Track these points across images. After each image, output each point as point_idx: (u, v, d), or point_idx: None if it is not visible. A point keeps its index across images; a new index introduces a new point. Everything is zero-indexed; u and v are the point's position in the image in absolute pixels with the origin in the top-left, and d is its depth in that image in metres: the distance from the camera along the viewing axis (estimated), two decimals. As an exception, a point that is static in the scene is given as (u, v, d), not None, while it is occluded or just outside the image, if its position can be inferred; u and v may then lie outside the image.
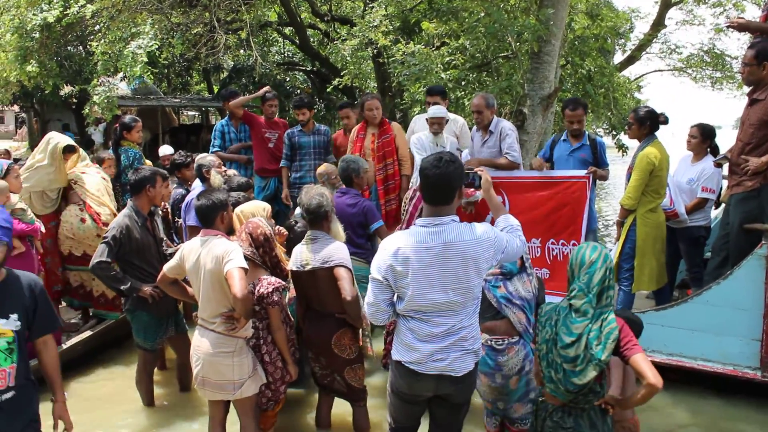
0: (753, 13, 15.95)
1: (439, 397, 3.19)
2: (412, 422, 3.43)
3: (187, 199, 6.02)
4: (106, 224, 5.79)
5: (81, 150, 6.26)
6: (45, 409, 3.22)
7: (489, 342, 3.60)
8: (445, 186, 3.03)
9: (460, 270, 2.98)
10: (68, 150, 5.93)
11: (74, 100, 18.54)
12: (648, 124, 5.39)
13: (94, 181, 6.05)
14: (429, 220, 3.04)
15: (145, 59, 9.30)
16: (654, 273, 5.40)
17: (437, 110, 5.95)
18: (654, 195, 5.32)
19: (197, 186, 6.07)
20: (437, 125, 5.95)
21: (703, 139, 5.99)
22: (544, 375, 3.09)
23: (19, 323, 2.96)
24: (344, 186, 5.44)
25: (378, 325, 4.10)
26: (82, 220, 5.88)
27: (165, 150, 8.47)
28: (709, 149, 6.01)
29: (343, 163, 5.52)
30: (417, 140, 6.10)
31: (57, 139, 5.95)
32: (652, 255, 5.36)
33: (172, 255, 4.47)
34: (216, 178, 5.84)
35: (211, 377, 3.85)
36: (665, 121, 5.48)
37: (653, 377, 2.83)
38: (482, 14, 8.89)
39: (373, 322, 3.31)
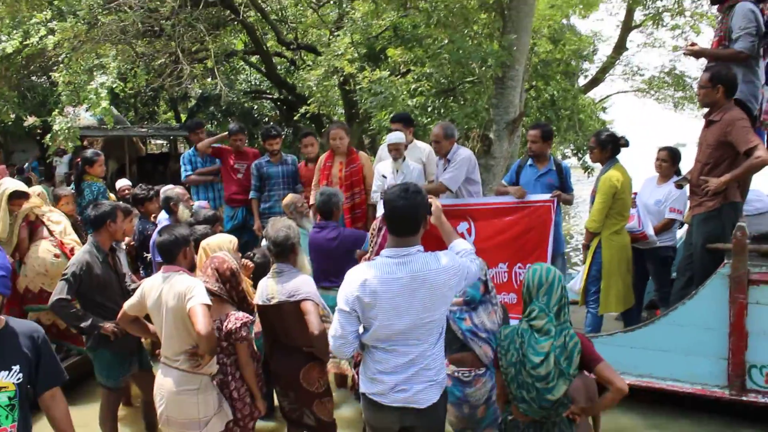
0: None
1: (407, 430, 3.15)
2: None
3: (154, 234, 5.93)
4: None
5: (41, 190, 6.16)
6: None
7: (456, 374, 3.64)
8: (412, 216, 3.03)
9: (427, 299, 2.98)
10: (17, 196, 5.76)
11: (39, 131, 18.32)
12: (609, 147, 5.48)
13: (61, 218, 5.97)
14: (395, 250, 3.04)
15: (107, 100, 9.20)
16: (621, 294, 5.44)
17: (394, 137, 5.99)
18: (618, 217, 5.38)
19: (162, 219, 5.99)
20: (395, 151, 5.98)
21: (673, 162, 6.11)
22: (515, 396, 3.11)
23: (21, 375, 2.68)
24: (322, 219, 5.39)
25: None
26: (56, 256, 5.77)
27: (122, 183, 8.26)
28: (675, 172, 6.12)
29: (323, 196, 5.42)
30: (379, 171, 6.10)
31: (5, 185, 5.79)
32: (619, 276, 5.40)
33: (134, 290, 4.38)
34: (183, 213, 5.77)
35: (176, 417, 3.75)
36: (626, 144, 5.57)
37: (619, 382, 3.02)
38: (446, 41, 8.99)
39: (339, 355, 3.31)
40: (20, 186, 5.91)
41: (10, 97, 10.84)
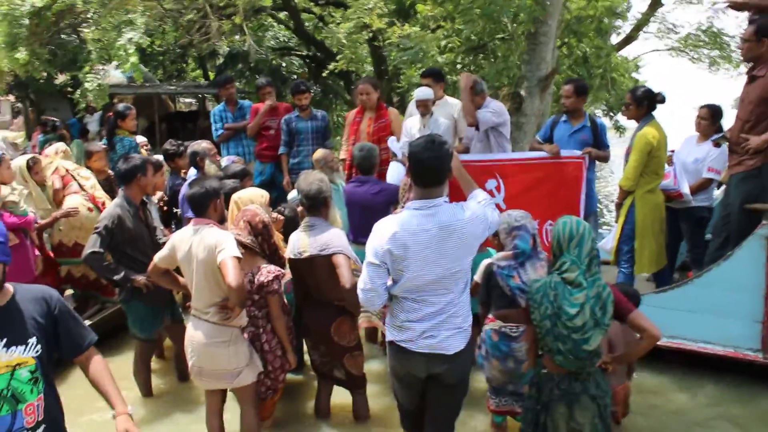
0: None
1: (432, 378, 3.22)
2: (413, 406, 3.44)
3: (183, 189, 5.96)
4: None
5: (64, 147, 6.22)
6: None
7: (503, 329, 3.76)
8: (438, 167, 3.07)
9: (455, 249, 3.04)
10: (33, 163, 5.86)
11: (69, 89, 18.45)
12: (645, 104, 5.34)
13: (89, 174, 6.06)
14: (422, 202, 3.08)
15: (135, 57, 9.18)
16: (654, 255, 5.36)
17: (422, 92, 5.87)
18: (653, 175, 5.27)
19: (192, 175, 6.01)
20: (423, 107, 5.88)
21: (713, 120, 5.92)
22: (551, 349, 3.12)
23: (39, 347, 2.50)
24: (360, 174, 5.37)
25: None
26: (89, 210, 5.84)
27: (139, 139, 8.22)
28: (716, 131, 5.92)
29: (363, 151, 5.37)
30: (407, 126, 6.02)
31: (17, 162, 5.82)
32: (652, 236, 5.31)
33: (165, 244, 4.41)
34: (210, 167, 5.77)
35: (207, 366, 3.80)
36: (662, 101, 5.42)
37: (653, 329, 3.08)
38: (478, -5, 8.79)
39: (368, 307, 3.36)
40: (27, 157, 5.97)
41: (41, 54, 10.83)
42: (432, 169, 3.07)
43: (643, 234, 5.30)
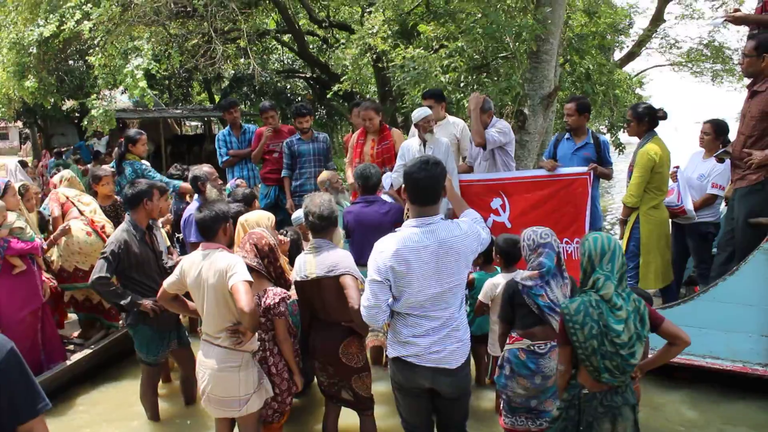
0: (751, 5, 15.87)
1: (436, 391, 3.36)
2: (420, 420, 3.55)
3: (185, 214, 5.99)
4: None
5: (70, 174, 6.29)
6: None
7: (531, 347, 3.78)
8: (433, 187, 3.25)
9: (454, 264, 3.21)
10: (24, 190, 5.93)
11: (77, 115, 18.63)
12: (647, 120, 5.36)
13: (91, 200, 6.11)
14: (420, 220, 3.24)
15: (144, 83, 9.29)
16: (659, 270, 5.35)
17: (419, 112, 5.86)
18: (656, 192, 5.28)
19: (197, 200, 6.04)
20: (425, 124, 5.91)
21: (716, 135, 5.92)
22: (597, 368, 3.12)
23: None
24: (365, 194, 5.40)
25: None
26: (88, 234, 5.88)
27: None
28: (722, 145, 5.88)
29: (366, 171, 5.39)
30: (404, 148, 6.04)
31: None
32: (657, 252, 5.31)
33: (172, 268, 4.43)
34: (211, 192, 5.81)
35: (217, 394, 3.78)
36: (664, 117, 5.44)
37: (685, 336, 3.21)
38: (479, 15, 8.86)
39: (371, 324, 3.42)
40: (18, 184, 5.94)
41: (48, 82, 10.98)
42: (427, 188, 3.23)
43: (648, 250, 5.30)
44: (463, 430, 3.59)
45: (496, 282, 4.46)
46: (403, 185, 3.37)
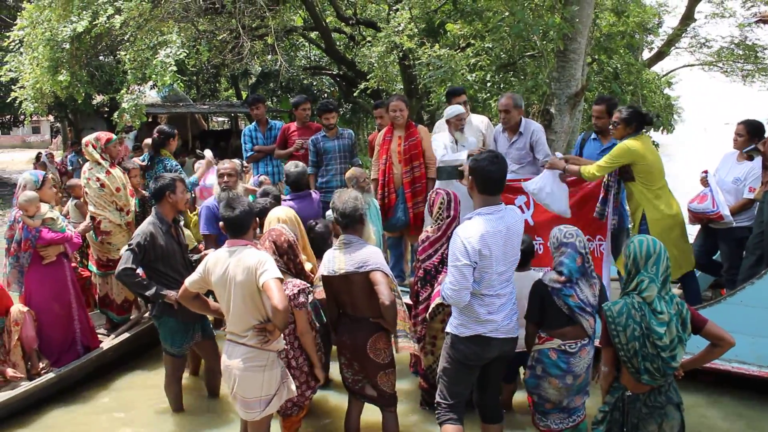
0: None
1: (498, 357, 3.81)
2: (467, 389, 3.97)
3: (201, 207, 6.06)
4: (105, 232, 5.89)
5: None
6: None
7: (562, 347, 3.84)
8: (502, 178, 3.69)
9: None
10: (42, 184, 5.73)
11: (106, 109, 18.88)
12: (634, 124, 5.24)
13: (94, 187, 6.01)
14: (491, 208, 3.66)
15: (174, 68, 9.38)
16: (676, 261, 5.24)
17: (455, 110, 5.93)
18: (646, 184, 5.20)
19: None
20: (458, 122, 5.91)
21: (751, 137, 5.66)
22: (638, 369, 3.17)
23: None
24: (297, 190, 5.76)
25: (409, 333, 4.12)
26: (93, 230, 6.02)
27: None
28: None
29: (296, 168, 5.80)
30: (438, 141, 6.06)
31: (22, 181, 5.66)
32: (670, 244, 5.18)
33: (198, 262, 4.48)
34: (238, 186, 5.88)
35: (241, 394, 3.75)
36: (651, 122, 5.37)
37: (729, 337, 3.23)
38: (506, 14, 8.83)
39: (456, 304, 3.70)
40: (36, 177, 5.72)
41: (80, 76, 11.15)
42: (498, 179, 3.66)
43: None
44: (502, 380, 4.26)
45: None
46: (470, 177, 3.73)
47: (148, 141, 7.57)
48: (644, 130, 5.31)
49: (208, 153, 7.31)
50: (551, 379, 3.85)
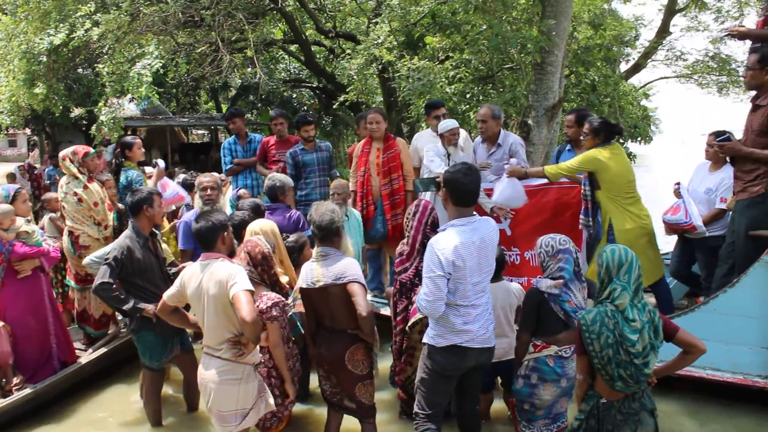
0: (754, 19, 15.90)
1: (475, 366, 3.84)
2: (446, 399, 4.03)
3: (179, 222, 6.03)
4: (84, 246, 5.82)
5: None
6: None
7: (558, 353, 3.89)
8: (476, 191, 3.78)
9: (490, 256, 3.76)
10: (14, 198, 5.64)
11: (84, 122, 18.75)
12: (602, 135, 5.31)
13: (72, 202, 5.90)
14: (465, 219, 3.71)
15: (150, 79, 9.32)
16: (644, 270, 5.27)
17: (447, 124, 5.92)
18: (611, 194, 5.24)
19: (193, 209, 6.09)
20: (453, 136, 5.92)
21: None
22: (611, 377, 3.20)
23: None
24: (272, 203, 5.74)
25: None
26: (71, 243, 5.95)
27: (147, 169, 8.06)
28: (728, 159, 5.74)
29: (269, 181, 5.79)
30: (432, 150, 6.05)
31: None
32: (639, 252, 5.23)
33: (176, 275, 4.46)
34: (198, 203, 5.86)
35: (217, 407, 3.74)
36: (620, 132, 5.44)
37: (701, 344, 3.28)
38: (484, 27, 8.94)
39: (431, 315, 3.74)
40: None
41: (57, 89, 11.05)
42: (471, 191, 3.73)
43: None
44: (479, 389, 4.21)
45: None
46: (444, 189, 3.80)
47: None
48: (615, 141, 5.36)
49: (160, 162, 7.07)
50: (546, 385, 3.91)
